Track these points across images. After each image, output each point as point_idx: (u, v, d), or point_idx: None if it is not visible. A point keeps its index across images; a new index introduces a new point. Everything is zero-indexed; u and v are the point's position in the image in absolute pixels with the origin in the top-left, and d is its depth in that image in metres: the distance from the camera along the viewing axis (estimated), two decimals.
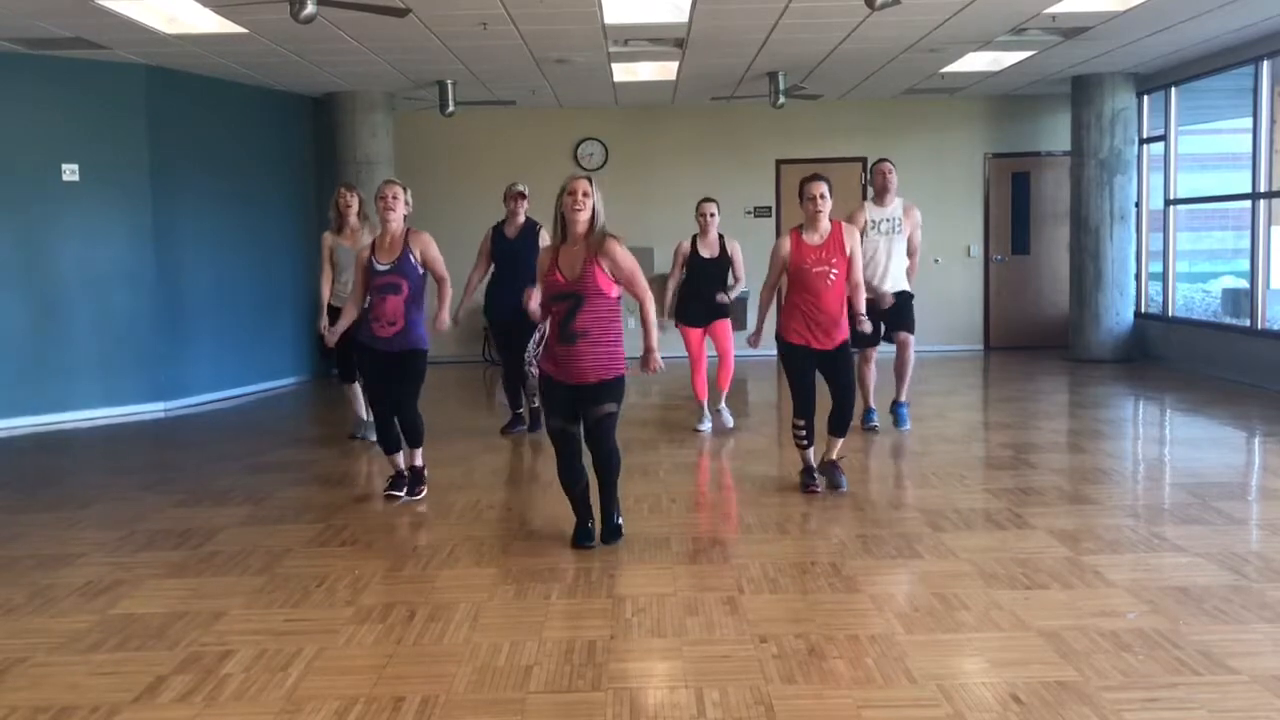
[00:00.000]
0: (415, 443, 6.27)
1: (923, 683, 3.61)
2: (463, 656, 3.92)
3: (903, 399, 8.06)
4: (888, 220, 7.73)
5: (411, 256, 5.97)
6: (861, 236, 7.70)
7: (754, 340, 6.53)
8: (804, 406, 6.15)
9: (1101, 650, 3.84)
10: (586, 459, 5.23)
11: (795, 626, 4.15)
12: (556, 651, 3.95)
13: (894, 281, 7.76)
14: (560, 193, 4.98)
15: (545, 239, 7.88)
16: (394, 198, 5.96)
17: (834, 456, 6.30)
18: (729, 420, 8.24)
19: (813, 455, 6.30)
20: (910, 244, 7.87)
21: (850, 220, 7.75)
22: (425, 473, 6.38)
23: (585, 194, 4.93)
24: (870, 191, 8.08)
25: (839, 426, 6.19)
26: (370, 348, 6.07)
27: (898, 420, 8.02)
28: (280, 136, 11.63)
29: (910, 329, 7.94)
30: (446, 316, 6.31)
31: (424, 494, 6.32)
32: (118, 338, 9.66)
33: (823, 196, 5.96)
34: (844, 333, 6.09)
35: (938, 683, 3.61)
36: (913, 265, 7.99)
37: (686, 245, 7.98)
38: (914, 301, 7.94)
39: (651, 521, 5.68)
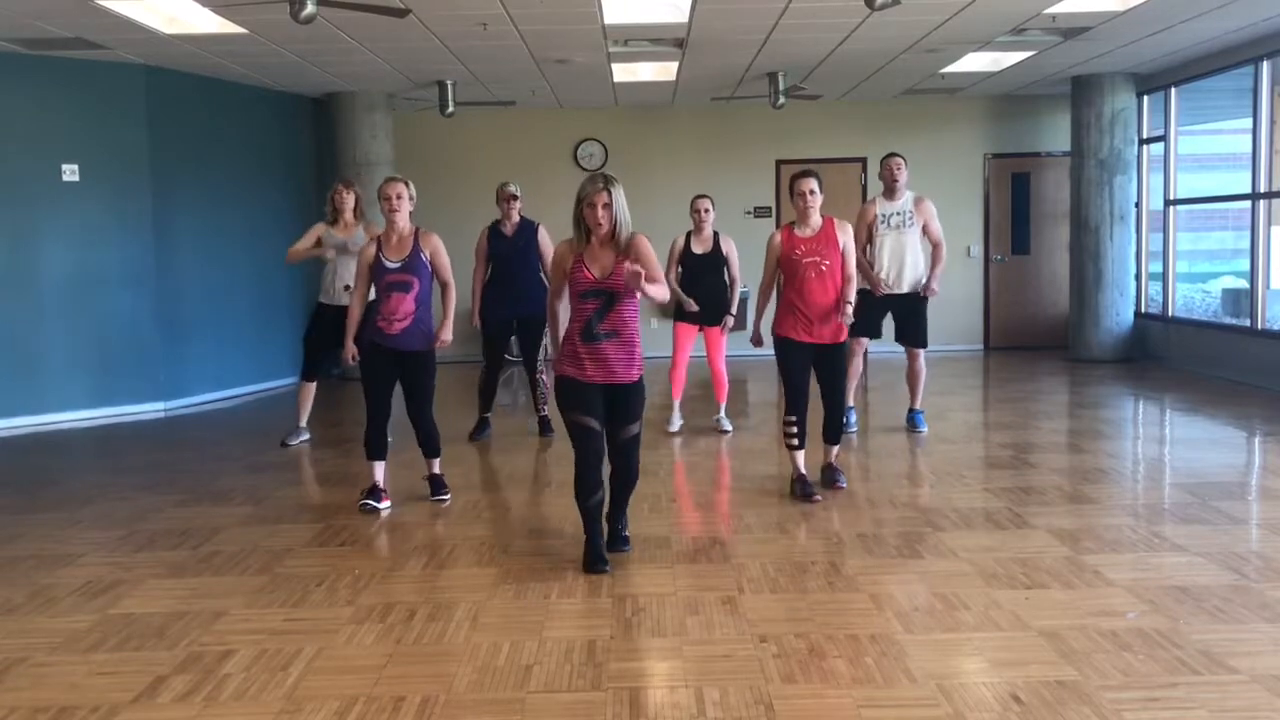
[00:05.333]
0: (434, 452, 6.24)
1: (923, 682, 3.61)
2: (463, 656, 3.92)
3: (918, 406, 8.03)
4: (897, 214, 7.72)
5: (422, 255, 5.95)
6: (872, 233, 7.73)
7: (755, 340, 6.53)
8: (796, 403, 6.08)
9: (1101, 650, 3.84)
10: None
11: (795, 626, 4.15)
12: (556, 651, 3.95)
13: (910, 277, 7.73)
14: (579, 201, 4.85)
15: (544, 236, 7.89)
16: (398, 197, 5.93)
17: (832, 460, 6.32)
18: (727, 426, 8.20)
19: (803, 460, 6.18)
20: (931, 236, 7.80)
21: (861, 216, 7.77)
22: (444, 479, 6.33)
23: (605, 206, 4.80)
24: (878, 186, 8.06)
25: (833, 434, 6.23)
26: (379, 346, 5.98)
27: (914, 425, 8.00)
28: (280, 137, 11.63)
29: (919, 343, 7.87)
30: (448, 336, 6.06)
31: (449, 499, 6.24)
32: (118, 338, 9.66)
33: (812, 192, 5.96)
34: (843, 330, 6.07)
35: (938, 682, 3.61)
36: (938, 257, 7.84)
37: (681, 241, 7.99)
38: (925, 305, 7.85)
39: (651, 521, 5.68)
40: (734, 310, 8.03)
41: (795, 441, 6.13)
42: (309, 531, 5.68)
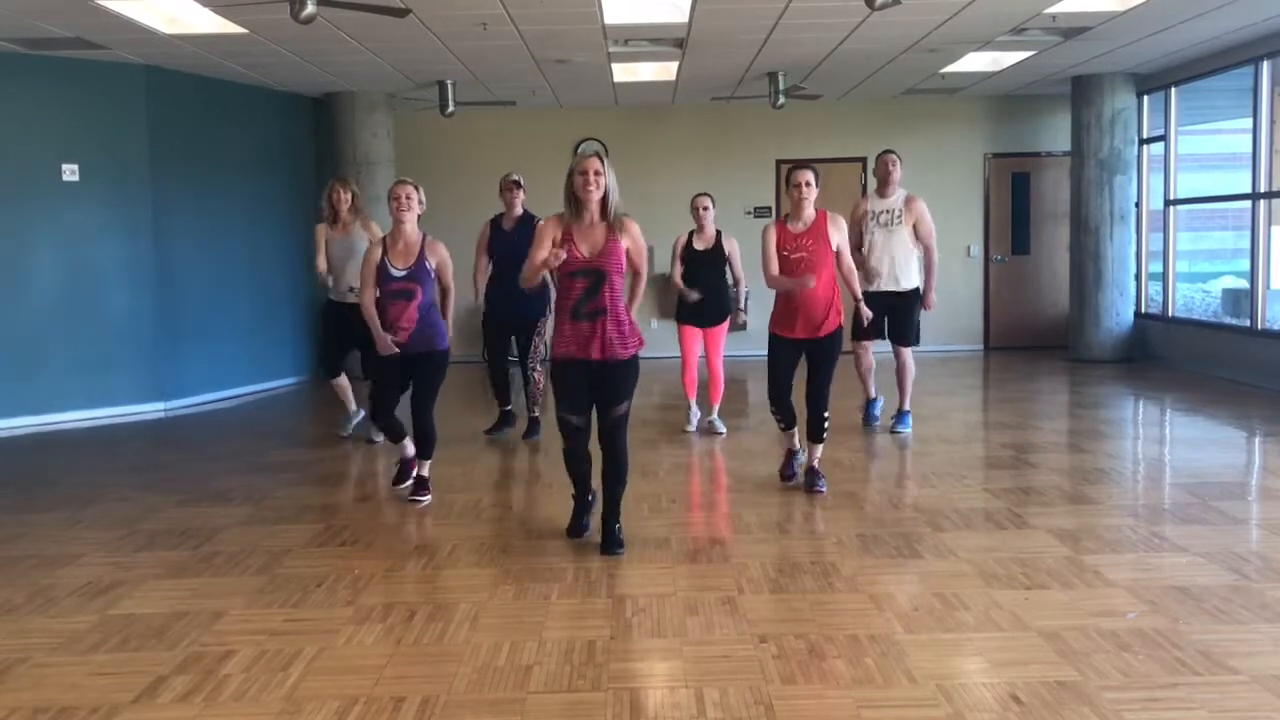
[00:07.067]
0: (426, 454, 6.21)
1: (923, 683, 3.61)
2: (463, 656, 3.92)
3: (906, 407, 8.00)
4: (887, 212, 7.71)
5: (427, 264, 5.95)
6: (861, 230, 7.73)
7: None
8: (776, 394, 6.27)
9: (1101, 650, 3.84)
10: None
11: (795, 626, 4.15)
12: (556, 651, 3.95)
13: (899, 275, 7.72)
14: (570, 172, 4.91)
15: None
16: (408, 198, 5.92)
17: (814, 464, 6.32)
18: (721, 428, 8.19)
19: (796, 437, 6.42)
20: (921, 236, 7.76)
21: (852, 211, 7.76)
22: (429, 482, 6.30)
23: (597, 173, 4.84)
24: (874, 183, 8.05)
25: (816, 432, 6.24)
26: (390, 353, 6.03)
27: (899, 424, 7.98)
28: (280, 137, 11.63)
29: (906, 341, 7.85)
30: (450, 333, 6.18)
31: (427, 501, 6.22)
32: (118, 337, 9.66)
33: (808, 184, 6.00)
34: (833, 323, 6.06)
35: (938, 683, 3.61)
36: (930, 265, 7.83)
37: (683, 239, 7.99)
38: (918, 305, 7.84)
39: (651, 521, 5.68)
40: (743, 305, 8.03)
41: (782, 425, 6.41)
42: (309, 531, 5.68)
